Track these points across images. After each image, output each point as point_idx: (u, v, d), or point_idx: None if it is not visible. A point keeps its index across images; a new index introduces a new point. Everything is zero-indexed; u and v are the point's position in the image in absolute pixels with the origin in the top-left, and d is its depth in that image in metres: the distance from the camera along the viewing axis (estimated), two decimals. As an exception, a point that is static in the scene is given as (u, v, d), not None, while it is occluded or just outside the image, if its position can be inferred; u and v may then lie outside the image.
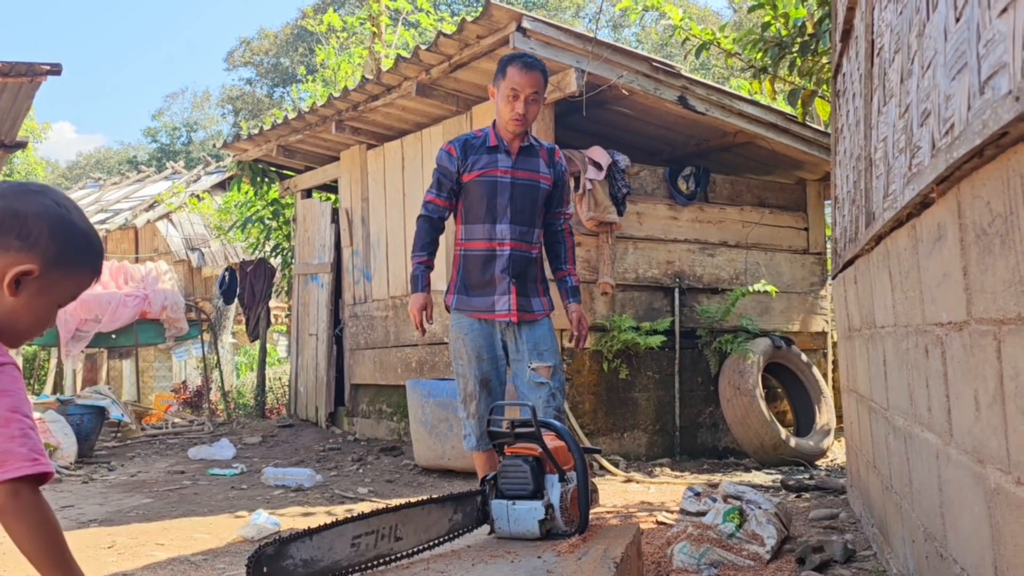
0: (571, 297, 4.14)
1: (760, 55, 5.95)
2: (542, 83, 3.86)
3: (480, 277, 3.96)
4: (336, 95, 7.86)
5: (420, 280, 4.03)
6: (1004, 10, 1.30)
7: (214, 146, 13.42)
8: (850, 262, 3.71)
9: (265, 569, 2.08)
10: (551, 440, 2.75)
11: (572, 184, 4.16)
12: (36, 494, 1.46)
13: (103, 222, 18.34)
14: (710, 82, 7.09)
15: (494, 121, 3.99)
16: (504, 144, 3.94)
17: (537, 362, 3.87)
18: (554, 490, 2.68)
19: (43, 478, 1.46)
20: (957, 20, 1.61)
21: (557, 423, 2.87)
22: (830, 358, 8.12)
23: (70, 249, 1.57)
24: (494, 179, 3.91)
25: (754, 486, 4.91)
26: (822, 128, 7.39)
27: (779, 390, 7.64)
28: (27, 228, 1.51)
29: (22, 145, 8.39)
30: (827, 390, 7.34)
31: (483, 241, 3.95)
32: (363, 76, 7.53)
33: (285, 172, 10.34)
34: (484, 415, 3.89)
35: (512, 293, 3.92)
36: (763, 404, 6.66)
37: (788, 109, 7.14)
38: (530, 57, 3.90)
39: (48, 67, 6.23)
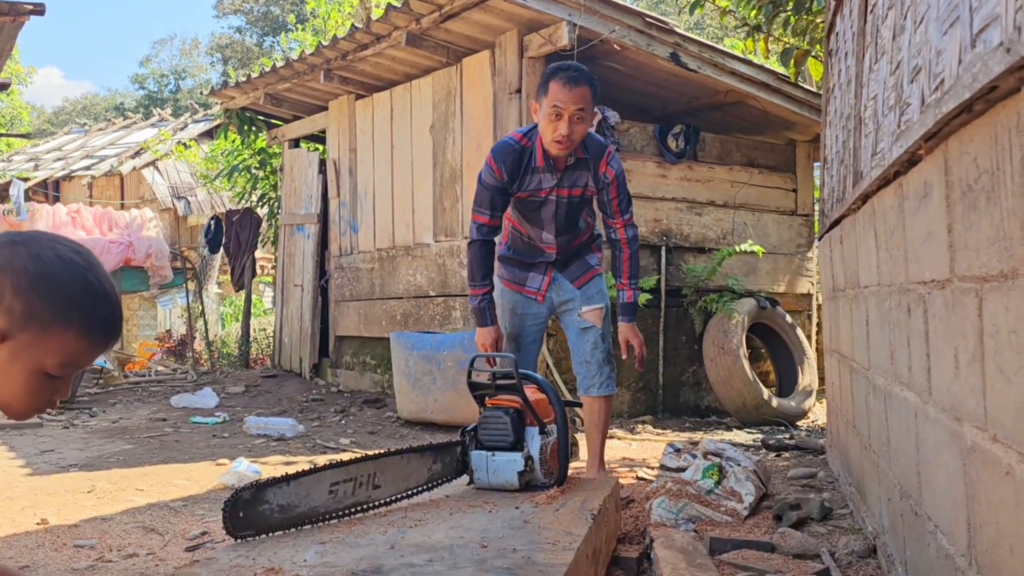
0: (622, 314, 3.92)
1: (754, 12, 5.90)
2: (590, 98, 3.51)
3: (521, 257, 3.93)
4: (325, 44, 7.77)
5: (487, 314, 3.78)
6: (999, -40, 1.27)
7: (202, 94, 13.27)
8: (836, 222, 3.70)
9: (242, 514, 2.08)
10: (532, 393, 2.76)
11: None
12: None
13: (88, 168, 18.20)
14: (703, 39, 7.02)
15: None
16: (550, 162, 3.67)
17: (587, 306, 3.86)
18: (534, 442, 2.69)
19: None
20: (952, -28, 1.58)
21: (539, 376, 2.87)
22: (814, 320, 8.15)
23: (40, 306, 1.29)
24: (539, 199, 3.74)
25: (735, 444, 4.93)
26: (814, 89, 7.35)
27: (763, 350, 7.67)
28: None
29: (4, 86, 8.28)
30: (810, 352, 7.37)
31: (530, 236, 3.86)
32: (353, 25, 7.43)
33: (273, 121, 10.24)
34: None
35: (548, 275, 3.91)
36: (746, 364, 6.69)
37: (781, 69, 7.09)
38: (576, 69, 3.52)
39: (31, 6, 6.11)
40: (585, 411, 3.97)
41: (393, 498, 2.46)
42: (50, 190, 18.29)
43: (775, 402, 6.72)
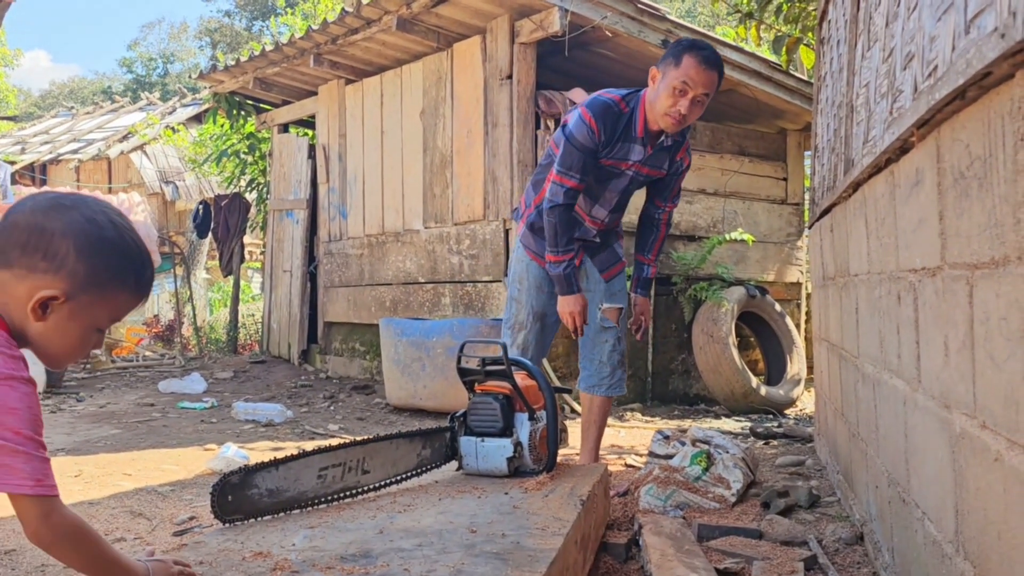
0: (640, 287, 3.93)
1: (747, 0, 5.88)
2: (716, 85, 3.41)
3: None
4: (315, 28, 7.72)
5: (573, 281, 3.60)
6: (995, -54, 1.27)
7: (190, 77, 13.19)
8: (827, 210, 3.70)
9: (230, 498, 2.08)
10: (522, 379, 2.75)
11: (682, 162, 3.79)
12: (60, 513, 1.42)
13: (76, 152, 18.08)
14: (696, 27, 7.01)
15: (644, 96, 3.51)
16: (649, 136, 3.52)
17: (608, 304, 3.78)
18: (523, 428, 2.68)
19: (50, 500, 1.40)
20: (946, -42, 1.57)
21: (528, 362, 2.87)
22: (803, 309, 8.17)
23: (101, 269, 1.44)
24: (619, 171, 3.61)
25: (723, 432, 4.95)
26: (806, 77, 7.35)
27: (752, 339, 7.68)
28: (52, 247, 1.40)
29: (-9, 69, 8.19)
30: (799, 340, 7.39)
31: (578, 207, 3.71)
32: (343, 9, 7.38)
33: (262, 106, 10.18)
34: (530, 347, 3.78)
35: (578, 258, 3.74)
36: (735, 352, 6.70)
37: (773, 57, 7.09)
38: (712, 52, 3.40)
39: (18, -12, 6.05)
40: (584, 406, 3.92)
41: (382, 483, 2.45)
42: (37, 174, 18.17)
43: (764, 390, 6.74)
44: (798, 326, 7.94)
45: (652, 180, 3.75)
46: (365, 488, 2.40)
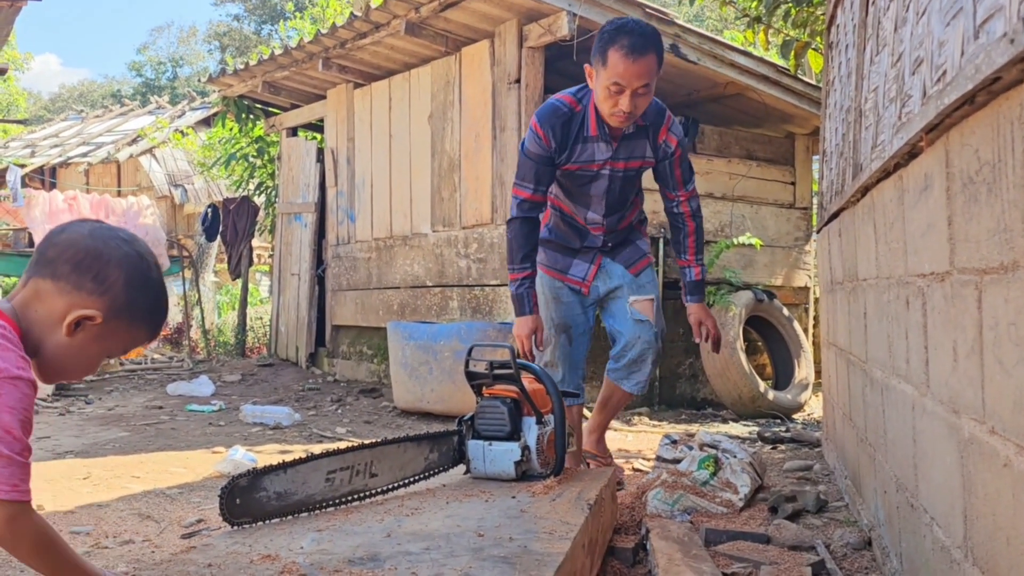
0: (690, 294, 3.64)
1: (755, 4, 5.88)
2: (655, 69, 3.07)
3: (564, 241, 3.60)
4: (324, 32, 7.74)
5: (527, 300, 3.35)
6: (1004, -49, 1.27)
7: (199, 81, 13.23)
8: (835, 215, 3.70)
9: (238, 500, 2.08)
10: (530, 382, 2.75)
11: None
12: (27, 517, 1.41)
13: (85, 155, 18.14)
14: (703, 31, 7.01)
15: (591, 93, 3.30)
16: (605, 131, 3.29)
17: (636, 295, 3.55)
18: (531, 432, 2.68)
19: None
20: (955, -37, 1.57)
21: (537, 366, 2.86)
22: (811, 313, 8.15)
23: (140, 303, 1.56)
24: (591, 173, 3.38)
25: (731, 436, 4.94)
26: (814, 82, 7.34)
27: (759, 343, 7.67)
28: (104, 272, 1.51)
29: (1, 72, 8.26)
30: (807, 345, 7.37)
31: (575, 215, 3.53)
32: (352, 13, 7.40)
33: (271, 109, 10.21)
34: (560, 363, 3.59)
35: (595, 264, 3.58)
36: (743, 357, 6.69)
37: (781, 62, 7.08)
38: (640, 34, 3.03)
39: (29, -8, 6.07)
40: (605, 390, 3.75)
41: (390, 487, 2.45)
42: (47, 177, 18.24)
43: (771, 395, 6.72)
44: (806, 330, 7.93)
45: (642, 171, 3.53)
46: (373, 491, 2.40)
